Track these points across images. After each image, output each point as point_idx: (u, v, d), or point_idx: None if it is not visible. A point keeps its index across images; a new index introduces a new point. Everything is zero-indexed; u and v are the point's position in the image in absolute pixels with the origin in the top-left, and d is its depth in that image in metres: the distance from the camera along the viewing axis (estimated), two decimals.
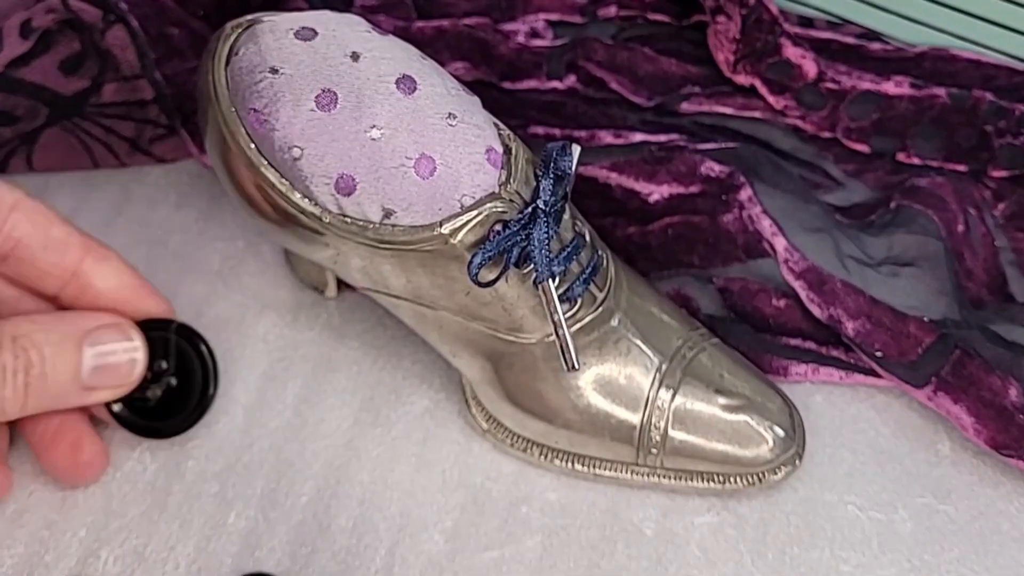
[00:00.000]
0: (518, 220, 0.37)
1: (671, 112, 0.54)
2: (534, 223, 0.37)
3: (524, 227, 0.37)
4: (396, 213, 0.37)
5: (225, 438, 0.45)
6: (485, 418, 0.44)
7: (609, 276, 0.41)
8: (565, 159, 0.38)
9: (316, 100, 0.36)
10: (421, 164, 0.36)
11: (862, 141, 0.53)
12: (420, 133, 0.37)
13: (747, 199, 0.47)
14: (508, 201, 0.37)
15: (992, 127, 0.51)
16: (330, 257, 0.40)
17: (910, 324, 0.45)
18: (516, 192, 0.37)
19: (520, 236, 0.37)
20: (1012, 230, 0.50)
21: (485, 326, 0.40)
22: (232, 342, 0.47)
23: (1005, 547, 0.43)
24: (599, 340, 0.40)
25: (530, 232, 0.37)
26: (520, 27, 0.57)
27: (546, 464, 0.43)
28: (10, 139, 0.51)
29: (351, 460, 0.44)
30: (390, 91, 0.37)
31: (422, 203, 0.37)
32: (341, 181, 0.37)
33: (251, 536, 0.42)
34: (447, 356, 0.42)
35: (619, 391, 0.41)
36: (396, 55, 0.38)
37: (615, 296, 0.41)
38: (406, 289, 0.39)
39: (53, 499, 0.43)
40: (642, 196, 0.49)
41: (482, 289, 0.38)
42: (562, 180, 0.38)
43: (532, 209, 0.37)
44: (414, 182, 0.37)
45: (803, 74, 0.53)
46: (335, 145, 0.36)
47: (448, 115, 0.37)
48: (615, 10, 0.58)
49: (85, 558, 0.41)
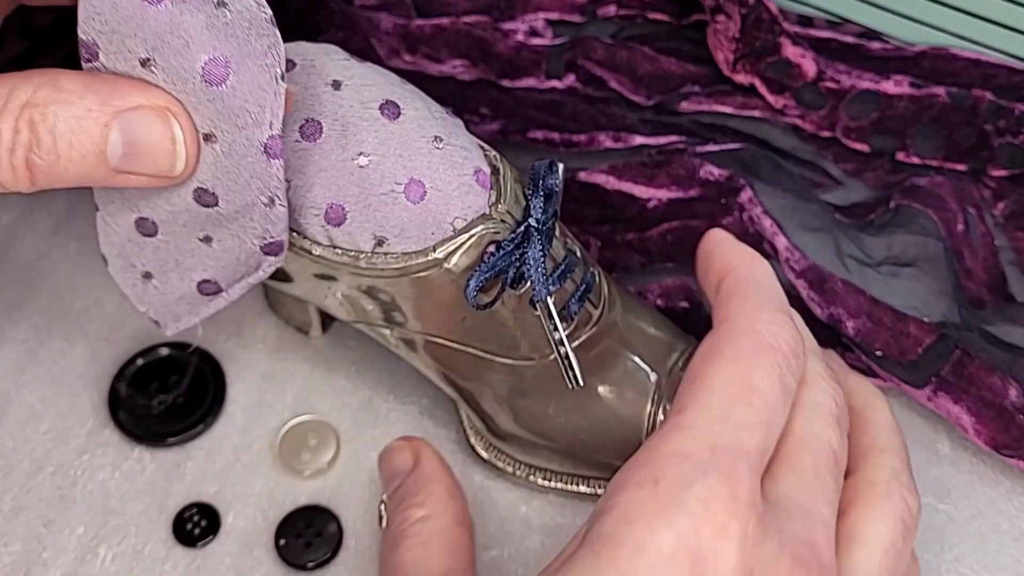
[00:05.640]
0: (511, 240, 0.36)
1: (670, 111, 0.54)
2: (528, 242, 0.36)
3: (518, 247, 0.37)
4: (388, 240, 0.36)
5: (225, 438, 0.45)
6: (484, 446, 0.43)
7: (603, 294, 0.40)
8: (552, 177, 0.37)
9: (300, 131, 0.35)
10: (411, 189, 0.36)
11: (861, 140, 0.53)
12: (408, 158, 0.36)
13: (747, 200, 0.47)
14: (500, 222, 0.37)
15: (992, 126, 0.51)
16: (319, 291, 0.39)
17: (910, 324, 0.45)
18: (507, 212, 0.37)
19: (515, 256, 0.37)
20: (1012, 229, 0.50)
21: (482, 351, 0.39)
22: (232, 342, 0.47)
23: (1005, 546, 0.43)
24: (598, 358, 0.40)
25: (524, 251, 0.36)
26: (519, 26, 0.57)
27: (549, 487, 0.43)
28: None
29: (350, 461, 0.44)
30: (375, 117, 0.36)
31: (414, 228, 0.36)
32: (331, 211, 0.36)
33: (250, 536, 0.42)
34: (441, 385, 0.42)
35: (620, 409, 0.40)
36: (377, 81, 0.37)
37: (609, 313, 0.40)
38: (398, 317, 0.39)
39: (51, 497, 0.43)
40: (640, 202, 0.49)
41: (479, 312, 0.37)
42: (551, 198, 0.37)
43: (525, 228, 0.37)
44: (405, 207, 0.36)
45: (803, 73, 0.53)
46: (322, 175, 0.35)
47: (434, 138, 0.36)
48: (614, 9, 0.58)
49: (83, 556, 0.41)
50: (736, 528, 0.28)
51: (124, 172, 0.32)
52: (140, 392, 0.45)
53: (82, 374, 0.46)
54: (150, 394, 0.45)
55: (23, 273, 0.49)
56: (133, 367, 0.46)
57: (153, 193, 0.34)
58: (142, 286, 0.38)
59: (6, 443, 0.44)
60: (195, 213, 0.34)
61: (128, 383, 0.45)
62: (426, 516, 0.38)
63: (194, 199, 0.33)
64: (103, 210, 0.36)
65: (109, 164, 0.32)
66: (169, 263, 0.36)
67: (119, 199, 0.35)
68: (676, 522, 0.28)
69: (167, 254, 0.36)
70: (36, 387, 0.46)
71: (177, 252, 0.36)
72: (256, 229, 0.34)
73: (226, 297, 0.37)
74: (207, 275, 0.36)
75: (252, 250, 0.35)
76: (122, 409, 0.45)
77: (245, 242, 0.35)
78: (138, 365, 0.46)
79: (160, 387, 0.45)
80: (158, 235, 0.35)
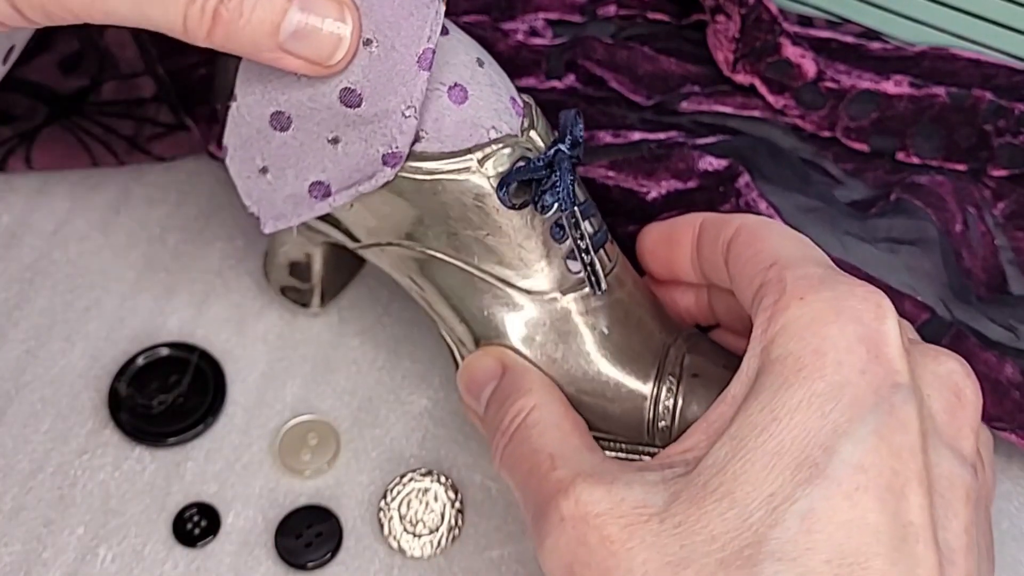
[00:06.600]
0: (542, 157, 0.37)
1: (670, 111, 0.54)
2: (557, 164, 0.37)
3: (548, 165, 0.37)
4: (426, 137, 0.37)
5: (225, 438, 0.45)
6: None
7: (615, 251, 0.41)
8: (578, 127, 0.38)
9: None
10: (454, 92, 0.37)
11: (861, 140, 0.53)
12: (453, 66, 0.37)
13: (744, 185, 0.47)
14: (528, 149, 0.38)
15: (992, 126, 0.51)
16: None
17: (905, 302, 0.45)
18: (538, 139, 0.38)
19: (544, 172, 0.37)
20: (1012, 229, 0.50)
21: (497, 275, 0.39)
22: (232, 342, 0.47)
23: (1005, 546, 0.43)
24: (609, 307, 0.40)
25: (554, 169, 0.37)
26: (519, 26, 0.57)
27: None
28: (9, 138, 0.51)
29: (350, 461, 0.44)
30: None
31: (452, 128, 0.37)
32: None
33: (250, 536, 0.42)
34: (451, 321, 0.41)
35: (630, 359, 0.40)
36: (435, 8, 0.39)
37: (621, 270, 0.41)
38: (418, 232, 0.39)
39: (51, 497, 0.43)
40: (640, 195, 0.49)
41: (502, 227, 0.38)
42: (576, 145, 0.38)
43: (556, 151, 0.37)
44: (447, 106, 0.37)
45: (802, 73, 0.53)
46: None
47: (477, 60, 0.38)
48: (614, 9, 0.58)
49: (83, 556, 0.41)
50: (891, 310, 0.32)
51: (287, 52, 0.34)
52: (140, 392, 0.45)
53: (82, 374, 0.46)
54: (150, 394, 0.45)
55: (23, 273, 0.49)
56: (133, 367, 0.46)
57: (297, 88, 0.36)
58: (255, 179, 0.40)
59: (6, 443, 0.44)
60: (334, 112, 0.36)
61: (128, 383, 0.45)
62: (539, 404, 0.37)
63: (338, 98, 0.36)
64: (241, 100, 0.38)
65: (278, 39, 0.33)
66: (290, 160, 0.38)
67: (261, 90, 0.37)
68: (841, 319, 0.31)
69: (291, 150, 0.38)
70: (36, 387, 0.46)
71: (302, 150, 0.38)
72: (386, 136, 0.36)
73: (331, 203, 0.38)
74: (323, 177, 0.38)
75: (374, 157, 0.37)
76: (122, 409, 0.45)
77: (371, 147, 0.37)
78: (138, 365, 0.46)
79: (160, 387, 0.45)
80: (290, 130, 0.38)
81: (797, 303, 0.32)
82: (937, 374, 0.34)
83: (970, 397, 0.34)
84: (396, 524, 0.42)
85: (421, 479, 0.43)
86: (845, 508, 0.29)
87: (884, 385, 0.31)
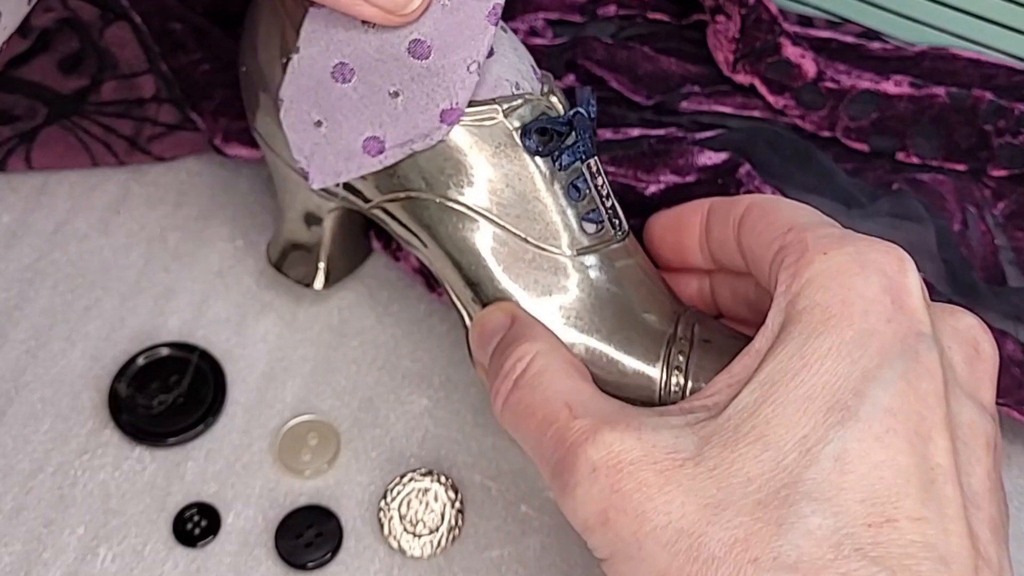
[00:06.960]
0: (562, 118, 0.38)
1: (670, 111, 0.54)
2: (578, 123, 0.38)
3: (568, 123, 0.38)
4: None
5: (225, 438, 0.45)
6: None
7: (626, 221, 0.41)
8: (592, 106, 0.39)
9: None
10: None
11: (861, 140, 0.53)
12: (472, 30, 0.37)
13: (745, 174, 0.47)
14: (549, 108, 0.38)
15: (991, 126, 0.51)
16: None
17: None
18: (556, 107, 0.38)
19: (565, 129, 0.38)
20: (1012, 229, 0.50)
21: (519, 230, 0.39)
22: (232, 342, 0.47)
23: None
24: (620, 271, 0.40)
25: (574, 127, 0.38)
26: (519, 26, 0.57)
27: None
28: (9, 138, 0.51)
29: (350, 461, 0.44)
30: None
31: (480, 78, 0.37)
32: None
33: (250, 536, 0.42)
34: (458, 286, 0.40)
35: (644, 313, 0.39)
36: None
37: (631, 243, 0.41)
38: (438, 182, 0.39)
39: (51, 497, 0.43)
40: (638, 189, 0.49)
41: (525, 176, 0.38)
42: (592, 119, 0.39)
43: (575, 112, 0.38)
44: None
45: (802, 73, 0.53)
46: None
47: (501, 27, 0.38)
48: (614, 9, 0.58)
49: (83, 556, 0.41)
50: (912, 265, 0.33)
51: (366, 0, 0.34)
52: (140, 392, 0.45)
53: (82, 374, 0.46)
54: (150, 394, 0.45)
55: (23, 273, 0.49)
56: (133, 367, 0.46)
57: (365, 39, 0.36)
58: (309, 132, 0.39)
59: (6, 443, 0.44)
60: (400, 64, 0.36)
61: (128, 383, 0.45)
62: (542, 351, 0.37)
63: (407, 49, 0.36)
64: (304, 51, 0.38)
65: None
66: (348, 113, 0.38)
67: (326, 41, 0.37)
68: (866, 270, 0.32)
69: (350, 103, 0.38)
70: (36, 387, 0.46)
71: (361, 103, 0.38)
72: (448, 92, 0.36)
73: (381, 160, 0.38)
74: (379, 132, 0.38)
75: (433, 113, 0.37)
76: (122, 409, 0.45)
77: (432, 102, 0.37)
78: (138, 365, 0.46)
79: (160, 387, 0.45)
80: (352, 82, 0.37)
81: (821, 257, 0.33)
82: (956, 328, 0.34)
83: (988, 351, 0.35)
84: (396, 524, 0.42)
85: (421, 479, 0.43)
86: (877, 450, 0.30)
87: (909, 334, 0.31)
